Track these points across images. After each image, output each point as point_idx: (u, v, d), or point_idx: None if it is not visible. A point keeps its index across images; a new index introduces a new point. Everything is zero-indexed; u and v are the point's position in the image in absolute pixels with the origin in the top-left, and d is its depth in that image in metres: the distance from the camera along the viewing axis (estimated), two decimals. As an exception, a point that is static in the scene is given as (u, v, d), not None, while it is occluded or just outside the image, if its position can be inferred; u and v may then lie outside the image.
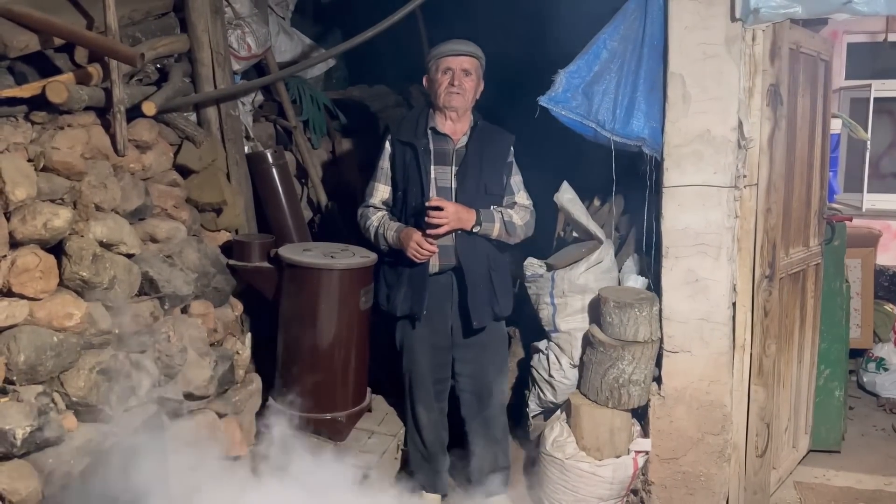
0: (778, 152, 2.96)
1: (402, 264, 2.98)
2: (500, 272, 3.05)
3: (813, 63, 3.26)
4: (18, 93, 2.25)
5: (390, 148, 3.02)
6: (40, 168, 2.26)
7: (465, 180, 2.96)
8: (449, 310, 3.02)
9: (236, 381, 3.04)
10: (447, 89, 2.91)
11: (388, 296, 3.04)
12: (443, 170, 2.98)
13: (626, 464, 3.02)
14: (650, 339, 2.99)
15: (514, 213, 3.02)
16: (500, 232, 2.97)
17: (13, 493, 1.85)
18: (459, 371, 3.11)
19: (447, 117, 2.98)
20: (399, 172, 2.99)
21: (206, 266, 2.92)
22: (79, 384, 2.18)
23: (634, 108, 2.91)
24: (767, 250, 2.97)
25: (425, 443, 3.12)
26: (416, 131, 2.98)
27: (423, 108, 3.07)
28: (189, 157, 3.01)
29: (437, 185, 2.96)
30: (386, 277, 3.06)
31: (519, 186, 3.11)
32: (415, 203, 2.95)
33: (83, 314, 2.23)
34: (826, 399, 3.65)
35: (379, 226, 2.98)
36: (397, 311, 3.00)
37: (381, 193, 3.05)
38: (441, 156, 2.98)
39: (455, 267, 2.97)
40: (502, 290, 3.04)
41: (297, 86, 4.07)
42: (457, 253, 2.95)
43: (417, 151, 2.93)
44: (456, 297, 3.01)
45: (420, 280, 2.94)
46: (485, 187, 2.99)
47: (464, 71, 2.93)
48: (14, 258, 2.07)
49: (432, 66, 2.97)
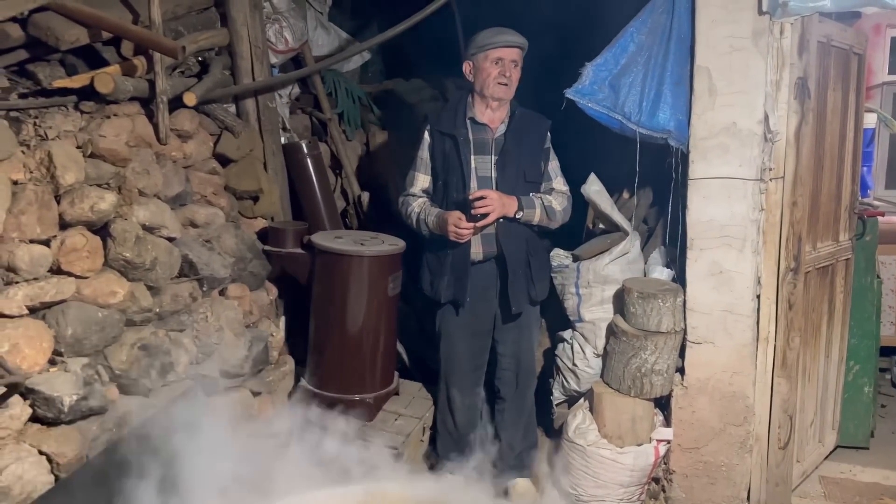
0: (805, 146, 2.96)
1: (444, 252, 3.04)
2: (538, 257, 3.11)
3: (845, 56, 3.24)
4: (69, 83, 2.39)
5: (429, 138, 3.06)
6: (88, 154, 2.40)
7: (504, 169, 3.00)
8: (493, 297, 3.09)
9: (270, 362, 3.17)
10: (497, 80, 2.94)
11: (432, 282, 3.10)
12: (483, 159, 3.03)
13: (647, 452, 3.06)
14: (674, 330, 3.02)
15: (553, 199, 3.06)
16: (541, 217, 3.02)
17: (60, 456, 1.99)
18: (501, 352, 3.19)
19: (488, 106, 3.02)
20: (439, 162, 3.04)
21: (242, 251, 3.05)
22: (121, 358, 2.32)
23: (661, 100, 2.94)
24: (793, 243, 2.97)
25: (457, 425, 3.20)
26: (455, 121, 3.02)
27: (462, 98, 3.10)
28: (228, 147, 3.13)
29: (477, 174, 3.01)
30: (430, 264, 3.12)
31: (556, 172, 3.15)
32: (455, 193, 2.99)
33: (126, 292, 2.36)
34: (855, 395, 3.62)
35: (420, 212, 3.03)
36: (441, 297, 3.06)
37: (422, 182, 3.10)
38: (481, 145, 3.03)
39: (497, 254, 3.03)
40: (539, 276, 3.11)
41: (332, 79, 4.18)
42: (498, 241, 3.01)
43: (458, 141, 2.97)
44: (498, 284, 3.07)
45: (462, 268, 3.01)
46: (524, 175, 3.04)
47: (513, 62, 2.96)
48: (63, 238, 2.21)
49: (481, 55, 2.96)
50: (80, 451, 2.04)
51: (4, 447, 1.91)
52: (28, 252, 2.09)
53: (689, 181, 2.98)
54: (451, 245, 3.00)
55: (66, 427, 2.07)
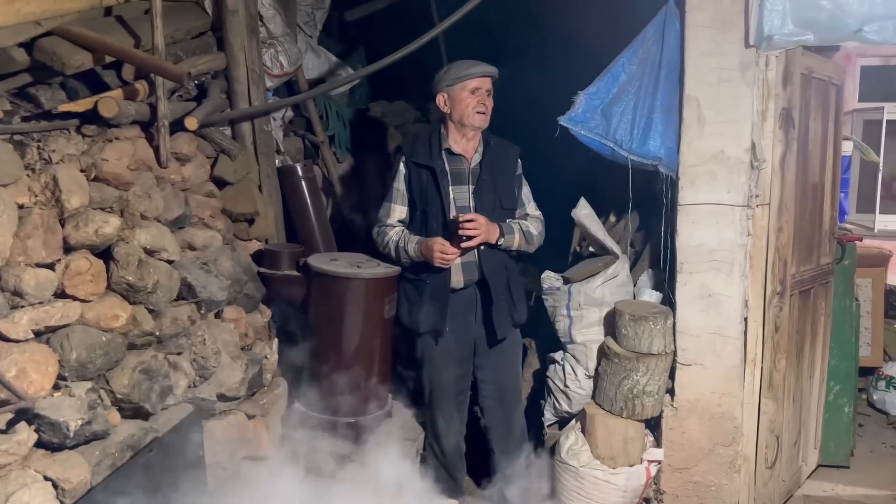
0: (789, 173, 3.07)
1: (423, 280, 3.07)
2: (516, 281, 3.17)
3: (825, 87, 3.37)
4: (74, 107, 2.40)
5: (405, 169, 3.08)
6: (91, 178, 2.40)
7: (482, 198, 3.05)
8: (472, 322, 3.13)
9: (264, 385, 3.16)
10: (476, 108, 3.00)
11: (410, 311, 3.12)
12: (460, 189, 3.07)
13: (638, 472, 3.11)
14: (664, 352, 3.09)
15: (529, 224, 3.13)
16: (520, 242, 3.08)
17: (65, 482, 1.97)
18: (482, 378, 3.22)
19: (464, 136, 3.07)
20: (416, 193, 3.07)
21: (238, 273, 3.05)
22: (123, 382, 2.31)
23: (651, 128, 3.03)
24: (779, 267, 3.07)
25: (444, 451, 3.22)
26: (430, 153, 3.05)
27: (434, 129, 3.15)
28: (225, 170, 3.15)
29: (455, 204, 3.05)
30: (407, 294, 3.14)
31: (529, 198, 3.22)
32: (436, 223, 3.03)
33: (128, 316, 2.36)
34: (835, 415, 3.73)
35: (399, 240, 3.06)
36: (420, 327, 3.09)
37: (398, 213, 3.12)
38: (457, 176, 3.07)
39: (477, 281, 3.08)
40: (518, 298, 3.16)
41: (323, 102, 4.22)
42: (480, 267, 3.05)
43: (436, 173, 3.01)
44: (479, 310, 3.12)
45: (442, 296, 3.04)
46: (500, 202, 3.09)
47: (488, 91, 3.04)
48: (68, 262, 2.21)
49: (457, 87, 3.01)
50: (84, 477, 2.03)
51: (10, 473, 1.90)
52: (34, 276, 2.08)
53: (678, 207, 3.06)
54: (431, 273, 3.03)
55: (71, 452, 2.05)
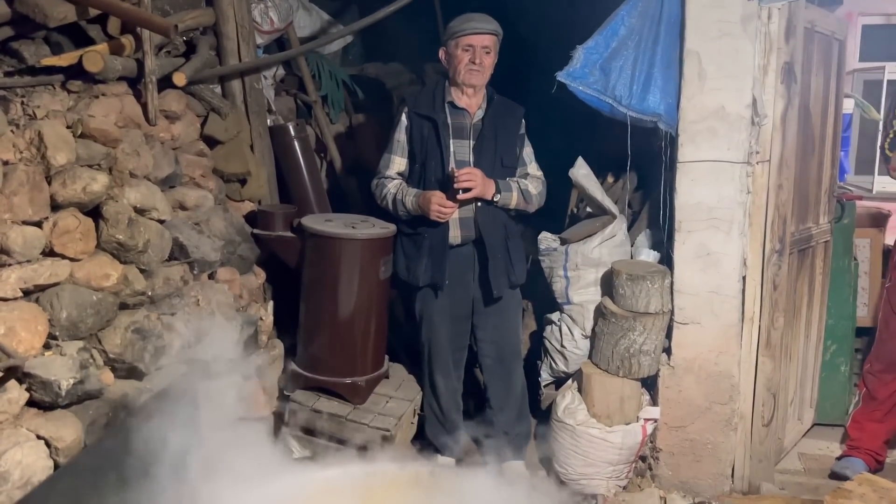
0: (790, 130, 3.02)
1: (421, 235, 3.05)
2: (514, 242, 3.14)
3: (827, 42, 3.30)
4: (58, 61, 2.33)
5: (407, 121, 3.07)
6: (78, 135, 2.35)
7: (482, 154, 3.03)
8: (471, 280, 3.11)
9: (260, 346, 3.15)
10: (468, 67, 2.96)
11: (408, 266, 3.11)
12: (461, 143, 3.05)
13: (634, 431, 3.11)
14: (661, 311, 3.08)
15: (529, 183, 3.11)
16: (518, 201, 3.05)
17: (58, 440, 1.96)
18: (481, 338, 3.21)
19: (464, 92, 3.05)
20: (417, 145, 3.05)
21: (231, 234, 3.02)
22: (115, 341, 2.29)
23: (651, 84, 2.97)
24: (778, 225, 3.04)
25: (442, 409, 3.22)
26: (433, 105, 3.04)
27: (439, 82, 3.12)
28: (215, 129, 3.09)
29: (455, 158, 3.03)
30: (405, 248, 3.13)
31: (530, 157, 3.19)
32: (434, 177, 3.01)
33: (119, 275, 2.33)
34: (832, 374, 3.73)
35: (397, 192, 3.04)
36: (419, 281, 3.08)
37: (398, 165, 3.10)
38: (459, 130, 3.05)
39: (475, 239, 3.05)
40: (517, 259, 3.14)
41: (315, 61, 4.14)
42: (477, 225, 3.03)
43: (437, 125, 2.99)
44: (477, 267, 3.10)
45: (440, 251, 3.03)
46: (501, 160, 3.07)
47: (484, 48, 2.98)
48: (56, 220, 2.17)
49: (452, 42, 3.00)
50: (78, 436, 2.01)
51: (2, 432, 1.88)
52: (21, 234, 2.04)
53: (677, 164, 3.02)
54: (429, 228, 3.01)
55: (64, 411, 2.04)
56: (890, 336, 3.29)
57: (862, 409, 3.36)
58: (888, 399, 3.29)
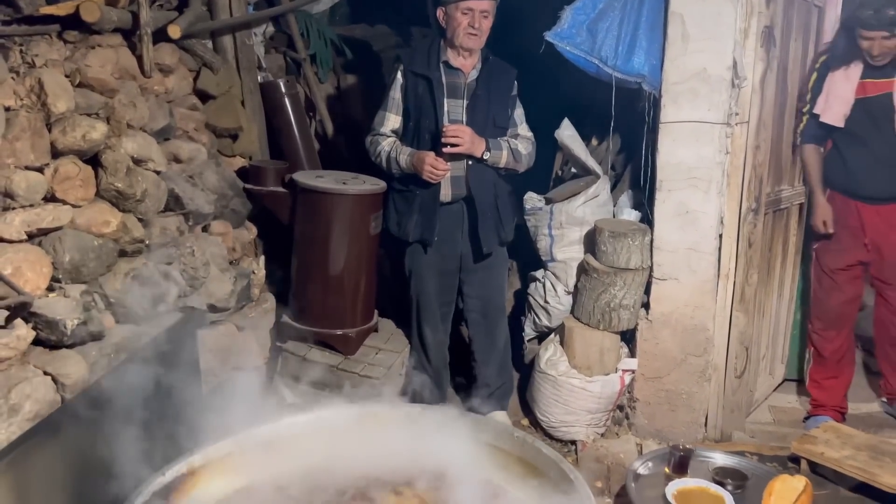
0: (769, 92, 3.12)
1: (413, 192, 3.11)
2: (504, 200, 3.22)
3: (807, 9, 3.39)
4: (55, 10, 2.36)
5: (402, 79, 3.09)
6: (76, 84, 2.39)
7: (475, 113, 3.08)
8: (459, 237, 3.19)
9: (252, 299, 3.23)
10: (466, 30, 2.98)
11: (399, 222, 3.18)
12: (455, 102, 3.09)
13: (613, 381, 3.25)
14: (641, 267, 3.19)
15: (519, 143, 3.18)
16: (507, 160, 3.12)
17: (65, 377, 2.03)
18: (468, 293, 3.31)
19: (460, 54, 3.08)
20: (412, 103, 3.09)
21: (224, 188, 3.07)
22: (116, 286, 2.35)
23: (636, 45, 3.05)
24: (755, 185, 3.15)
25: (430, 360, 3.32)
26: (429, 63, 3.06)
27: (434, 41, 3.15)
28: (208, 83, 3.13)
29: (449, 117, 3.07)
30: (396, 204, 3.19)
31: (521, 119, 3.25)
32: (427, 134, 3.06)
33: (118, 222, 2.39)
34: (802, 332, 3.87)
35: (391, 150, 3.09)
36: (409, 236, 3.15)
37: (392, 123, 3.14)
38: (453, 89, 3.09)
39: (465, 196, 3.13)
40: (507, 218, 3.22)
41: (304, 20, 4.15)
42: (467, 182, 3.10)
43: (432, 83, 3.03)
44: (466, 225, 3.18)
45: (431, 207, 3.09)
46: (493, 120, 3.12)
47: (483, 13, 2.99)
48: (57, 166, 2.22)
49: (452, 5, 2.98)
50: (83, 374, 2.09)
51: (11, 368, 1.95)
52: (24, 178, 2.09)
53: (659, 125, 3.11)
54: (420, 185, 3.07)
55: (69, 351, 2.11)
56: (825, 294, 3.40)
57: (815, 368, 3.49)
58: (834, 355, 3.40)
